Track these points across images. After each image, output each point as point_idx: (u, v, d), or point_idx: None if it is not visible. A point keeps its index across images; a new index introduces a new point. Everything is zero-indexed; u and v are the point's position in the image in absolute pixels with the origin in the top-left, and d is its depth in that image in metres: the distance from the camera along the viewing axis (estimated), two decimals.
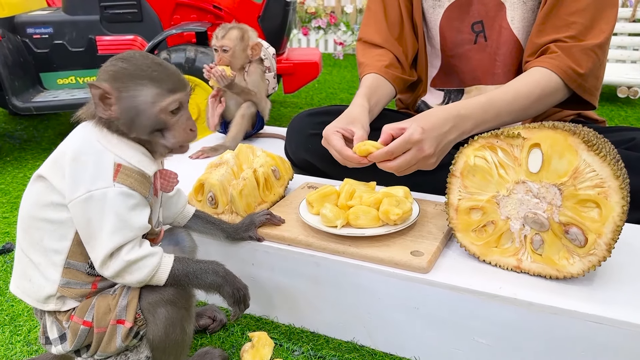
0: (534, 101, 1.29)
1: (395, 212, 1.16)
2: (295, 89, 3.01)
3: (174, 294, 0.99)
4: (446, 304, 1.07)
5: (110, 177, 0.94)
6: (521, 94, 1.28)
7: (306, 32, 5.48)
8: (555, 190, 1.01)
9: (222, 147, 1.86)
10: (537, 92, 1.29)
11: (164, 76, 0.97)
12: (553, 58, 1.30)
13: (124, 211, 0.95)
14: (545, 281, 1.05)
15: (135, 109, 0.96)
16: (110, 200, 0.94)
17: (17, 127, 3.30)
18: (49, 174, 0.98)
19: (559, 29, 1.32)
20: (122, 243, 0.95)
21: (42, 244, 0.99)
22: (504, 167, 1.06)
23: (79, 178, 0.94)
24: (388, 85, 1.53)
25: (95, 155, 0.96)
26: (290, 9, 2.95)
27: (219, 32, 1.87)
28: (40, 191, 0.99)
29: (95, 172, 0.94)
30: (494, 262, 1.10)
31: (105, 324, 0.99)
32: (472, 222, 1.11)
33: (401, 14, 1.56)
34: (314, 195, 1.27)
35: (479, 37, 1.48)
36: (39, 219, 0.98)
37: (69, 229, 0.98)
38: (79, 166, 0.95)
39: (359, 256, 1.15)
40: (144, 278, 0.97)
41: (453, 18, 1.51)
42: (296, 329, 1.28)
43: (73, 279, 1.00)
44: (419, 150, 1.17)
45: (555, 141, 0.99)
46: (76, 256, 0.99)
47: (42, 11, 2.95)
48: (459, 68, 1.56)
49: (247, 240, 1.26)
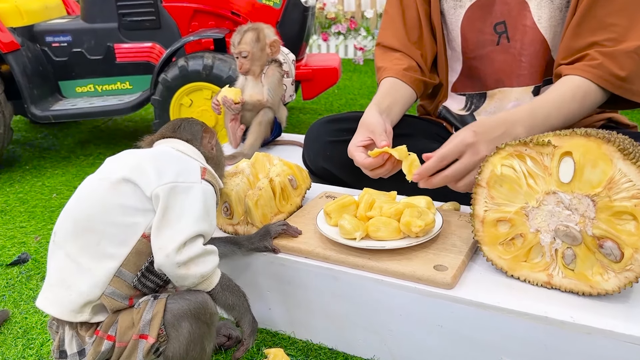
0: (579, 102, 1.24)
1: (417, 224, 1.11)
2: (314, 95, 2.98)
3: (198, 308, 0.99)
4: (472, 322, 1.02)
5: (199, 175, 1.04)
6: (566, 97, 1.24)
7: (326, 37, 5.45)
8: (588, 202, 0.95)
9: (240, 154, 1.82)
10: (581, 94, 1.24)
11: None
12: (594, 67, 1.24)
13: (210, 204, 1.03)
14: (578, 298, 0.99)
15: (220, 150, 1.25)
16: (198, 192, 1.01)
17: (37, 136, 3.32)
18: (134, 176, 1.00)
19: (596, 31, 1.26)
20: (202, 232, 1.00)
21: (98, 247, 0.98)
22: (534, 177, 1.01)
23: (164, 169, 1.01)
24: (406, 88, 1.49)
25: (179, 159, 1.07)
26: (309, 14, 2.92)
27: (235, 38, 1.86)
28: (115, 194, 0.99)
29: (181, 169, 1.03)
30: (523, 277, 1.04)
31: (127, 338, 0.97)
32: (499, 235, 1.06)
33: (419, 16, 1.53)
34: (332, 206, 1.22)
35: (501, 38, 1.44)
36: (103, 222, 0.98)
37: (132, 234, 0.98)
38: (164, 161, 1.04)
39: (379, 270, 1.10)
40: (208, 271, 1.00)
41: (475, 18, 1.46)
42: (314, 346, 1.24)
43: (118, 289, 0.99)
44: (475, 153, 1.12)
45: (588, 149, 0.94)
46: (129, 265, 0.99)
47: (60, 19, 2.96)
48: (481, 70, 1.51)
49: (262, 252, 1.22)
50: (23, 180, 2.56)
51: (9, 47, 2.56)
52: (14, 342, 1.33)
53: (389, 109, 1.42)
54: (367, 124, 1.32)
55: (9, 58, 2.55)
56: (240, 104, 1.81)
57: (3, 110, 2.52)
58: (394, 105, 1.45)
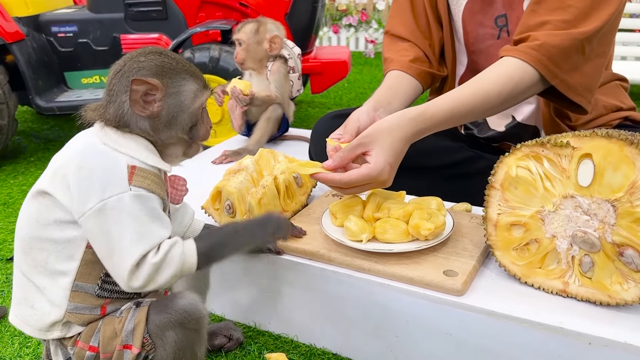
0: (504, 100, 1.16)
1: (426, 227, 1.06)
2: (323, 89, 2.93)
3: (182, 317, 0.93)
4: (482, 331, 0.97)
5: (125, 181, 0.88)
6: (492, 95, 1.15)
7: (336, 29, 5.39)
8: (608, 207, 0.90)
9: (245, 150, 1.78)
10: (509, 90, 1.15)
11: (197, 71, 0.96)
12: (533, 48, 1.14)
13: (144, 216, 0.88)
14: (595, 308, 0.95)
15: (180, 105, 0.93)
16: (127, 206, 0.87)
17: (43, 127, 3.29)
18: (51, 188, 0.90)
19: (553, 11, 1.17)
20: (147, 250, 0.88)
21: (47, 266, 0.92)
22: (550, 180, 0.96)
23: (87, 188, 0.87)
24: (411, 81, 1.43)
25: (104, 159, 0.89)
26: (318, 6, 2.87)
27: (239, 26, 1.84)
28: (42, 208, 0.92)
29: (106, 178, 0.87)
30: (537, 284, 1.00)
31: (111, 349, 0.93)
32: (513, 240, 1.01)
33: (424, 4, 1.47)
34: (337, 206, 1.18)
35: (502, 32, 1.38)
36: (42, 239, 0.92)
37: (76, 248, 0.91)
38: (86, 174, 0.88)
39: (385, 274, 1.06)
40: (176, 270, 0.90)
41: (475, 11, 1.40)
42: (317, 350, 1.19)
43: (81, 303, 0.93)
44: (380, 183, 1.10)
45: (610, 152, 0.89)
46: (85, 277, 0.93)
47: (67, 9, 2.92)
48: (480, 65, 1.45)
49: (265, 253, 1.18)
50: (27, 172, 2.53)
51: (14, 37, 2.53)
52: (10, 340, 1.30)
53: (387, 103, 1.36)
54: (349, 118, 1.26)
55: (14, 48, 2.52)
56: (249, 96, 1.76)
57: (7, 101, 2.48)
58: (394, 99, 1.39)
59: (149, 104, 0.91)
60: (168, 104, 0.92)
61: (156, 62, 0.91)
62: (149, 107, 0.91)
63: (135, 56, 0.93)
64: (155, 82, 0.90)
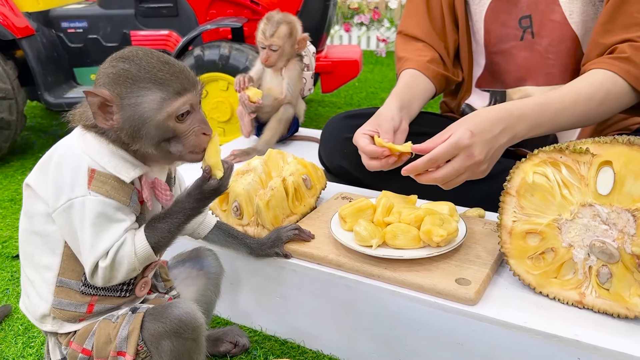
0: (596, 106, 1.15)
1: (439, 234, 1.03)
2: (333, 88, 2.90)
3: (177, 326, 0.91)
4: (495, 342, 0.95)
5: (85, 185, 0.86)
6: (582, 97, 1.14)
7: (348, 28, 5.35)
8: (628, 217, 0.87)
9: (254, 150, 1.76)
10: (601, 96, 1.15)
11: (170, 76, 0.85)
12: (621, 61, 1.15)
13: (101, 222, 0.86)
14: (613, 320, 0.91)
15: (139, 118, 0.85)
16: (88, 211, 0.86)
17: (52, 123, 3.28)
18: (34, 181, 0.91)
19: (629, 27, 1.17)
20: (97, 259, 0.87)
21: (33, 259, 0.94)
22: (568, 187, 0.92)
23: (60, 185, 0.87)
24: (427, 82, 1.42)
25: (75, 160, 0.87)
26: (330, 4, 2.84)
27: (267, 29, 1.72)
28: (29, 200, 0.93)
29: (75, 178, 0.86)
30: (553, 295, 0.96)
31: (105, 354, 0.92)
32: (528, 248, 0.97)
33: (442, 5, 1.45)
34: (347, 210, 1.15)
35: (525, 33, 1.36)
36: (30, 232, 0.93)
37: (57, 242, 0.91)
38: (60, 171, 0.88)
39: (396, 281, 1.03)
40: (130, 267, 0.89)
41: (500, 10, 1.38)
42: (324, 357, 1.17)
43: (66, 299, 0.93)
44: (469, 157, 1.05)
45: (631, 159, 0.86)
46: (68, 273, 0.92)
47: (77, 5, 2.91)
48: (501, 67, 1.43)
49: (272, 257, 1.15)
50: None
51: (24, 32, 2.52)
52: (14, 339, 1.28)
53: (409, 103, 1.35)
54: (379, 116, 1.26)
55: (23, 43, 2.51)
56: (255, 104, 1.73)
57: (16, 97, 2.47)
58: (414, 100, 1.38)
59: (109, 114, 0.85)
60: (126, 116, 0.85)
61: (114, 71, 0.85)
62: (110, 117, 0.85)
63: (107, 61, 0.88)
64: (106, 93, 0.83)
